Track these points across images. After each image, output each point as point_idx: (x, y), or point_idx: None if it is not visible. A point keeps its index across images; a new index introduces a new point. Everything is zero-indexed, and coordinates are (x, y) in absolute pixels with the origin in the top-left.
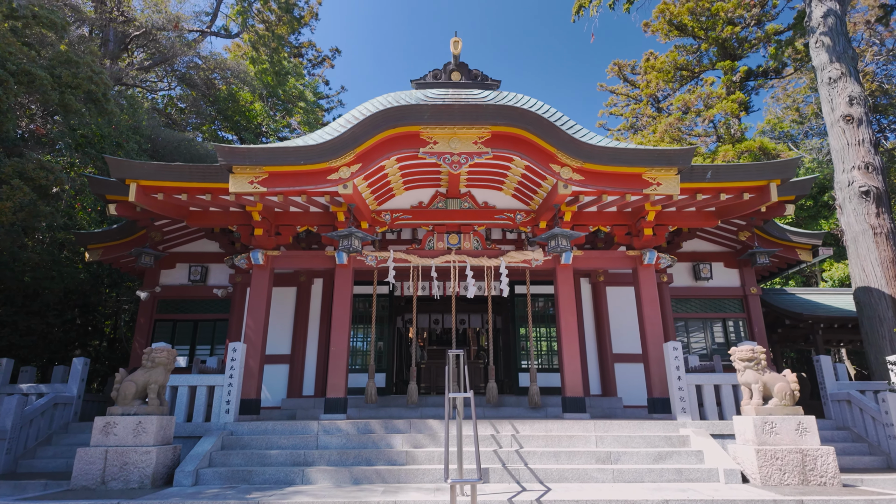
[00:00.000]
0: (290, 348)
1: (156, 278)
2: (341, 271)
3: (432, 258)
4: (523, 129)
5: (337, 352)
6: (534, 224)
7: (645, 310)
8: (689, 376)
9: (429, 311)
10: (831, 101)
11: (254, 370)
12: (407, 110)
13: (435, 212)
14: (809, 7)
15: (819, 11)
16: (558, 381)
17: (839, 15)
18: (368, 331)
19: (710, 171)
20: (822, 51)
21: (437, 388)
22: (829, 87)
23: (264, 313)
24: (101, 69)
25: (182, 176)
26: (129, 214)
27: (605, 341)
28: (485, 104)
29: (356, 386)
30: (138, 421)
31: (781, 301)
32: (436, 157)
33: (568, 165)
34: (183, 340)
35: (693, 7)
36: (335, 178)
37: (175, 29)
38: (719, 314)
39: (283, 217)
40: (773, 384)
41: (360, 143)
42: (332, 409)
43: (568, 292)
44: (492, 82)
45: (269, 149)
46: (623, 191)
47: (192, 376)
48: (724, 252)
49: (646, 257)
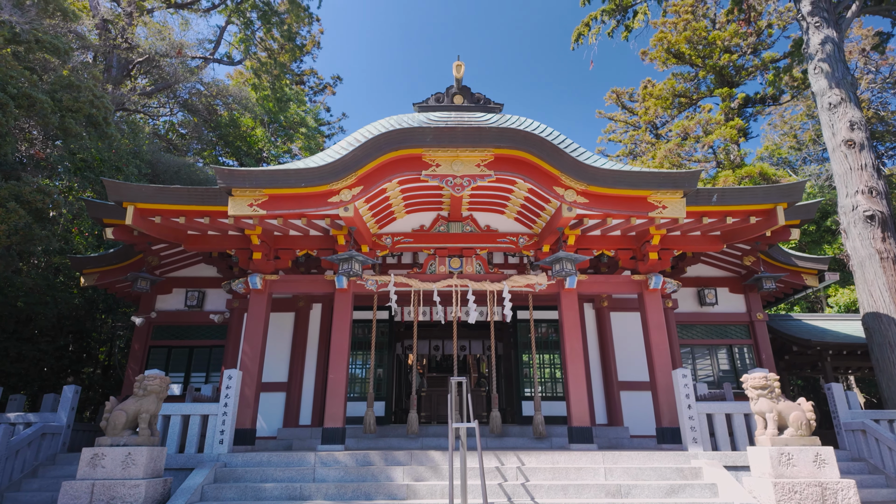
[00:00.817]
0: (286, 376)
1: (151, 303)
2: (341, 296)
3: (434, 282)
4: (526, 151)
5: (335, 379)
6: (537, 248)
7: (652, 336)
8: (699, 405)
9: (429, 337)
10: (832, 126)
11: (249, 399)
12: (409, 133)
13: (437, 235)
14: (807, 34)
15: (817, 39)
16: (563, 410)
17: (836, 42)
18: (367, 357)
19: (716, 194)
20: (822, 77)
21: (437, 417)
22: (830, 112)
23: (261, 339)
24: (103, 93)
25: (180, 199)
26: (126, 238)
27: (611, 368)
28: (487, 127)
29: (354, 415)
30: (127, 452)
31: (787, 327)
32: (438, 180)
33: (572, 188)
34: (178, 367)
35: (690, 36)
36: (336, 201)
37: (178, 56)
38: (725, 340)
39: (283, 241)
40: (788, 413)
41: (361, 165)
42: (329, 440)
43: (572, 317)
44: (494, 105)
45: (269, 171)
46: (628, 214)
47: (186, 405)
48: (728, 277)
49: (651, 282)
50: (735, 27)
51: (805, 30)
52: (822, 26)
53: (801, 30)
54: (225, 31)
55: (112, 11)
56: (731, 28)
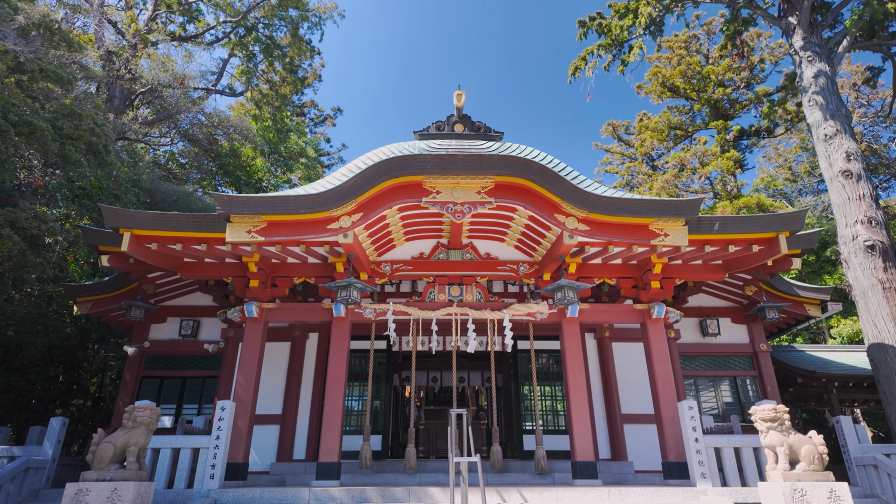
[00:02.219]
0: (281, 408)
1: (145, 333)
2: (338, 324)
3: (433, 311)
4: (527, 178)
5: (331, 411)
6: (537, 276)
7: (656, 367)
8: (706, 438)
9: (427, 368)
10: (828, 157)
11: (242, 431)
12: (410, 160)
13: (436, 263)
14: (800, 68)
15: (810, 72)
16: (565, 444)
17: (829, 76)
18: (364, 389)
19: (718, 222)
20: (816, 109)
21: (436, 452)
22: (826, 143)
23: (256, 369)
24: (104, 122)
25: (178, 225)
26: (122, 266)
27: (613, 401)
28: (488, 154)
29: (350, 449)
30: (113, 488)
31: (791, 358)
32: (438, 207)
33: (573, 216)
34: (170, 399)
35: (684, 70)
36: (335, 228)
37: (181, 86)
38: (729, 372)
39: (280, 268)
40: (800, 447)
41: (362, 192)
42: (324, 475)
43: (575, 347)
44: (494, 133)
45: (268, 197)
46: (630, 242)
47: (176, 437)
48: (730, 307)
49: (654, 311)
50: (728, 62)
51: (798, 64)
52: (815, 60)
53: (793, 64)
54: (228, 63)
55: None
56: (724, 63)
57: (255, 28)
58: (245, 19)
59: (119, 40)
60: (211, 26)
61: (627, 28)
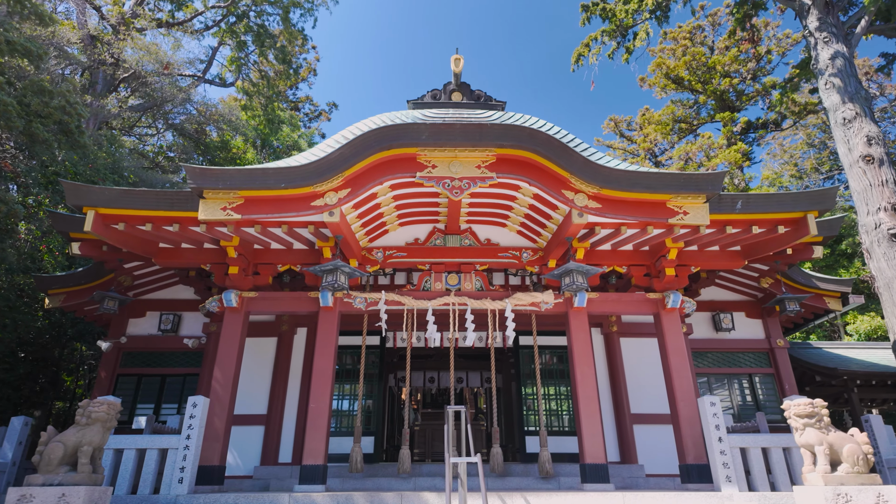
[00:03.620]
0: (266, 407)
1: (122, 327)
2: (325, 315)
3: (429, 300)
4: (532, 151)
5: (317, 409)
6: (542, 263)
7: (672, 361)
8: (731, 437)
9: (423, 369)
10: (848, 142)
11: (219, 431)
12: (403, 129)
13: (432, 249)
14: (815, 50)
15: (826, 53)
16: (571, 446)
17: (847, 57)
18: (355, 388)
19: (741, 200)
20: (833, 92)
21: (432, 454)
22: (844, 127)
23: (235, 364)
24: (77, 100)
25: (147, 203)
26: (95, 254)
27: (622, 400)
28: (489, 123)
29: (340, 451)
30: (61, 493)
31: (808, 356)
32: (434, 182)
33: (583, 192)
34: (148, 398)
35: (689, 61)
36: (320, 205)
37: (165, 71)
38: (744, 369)
39: (263, 255)
40: (842, 446)
41: (349, 165)
42: (308, 479)
43: (583, 339)
44: (496, 103)
45: (245, 170)
46: (645, 221)
47: (141, 437)
48: (744, 301)
49: (669, 300)
50: (734, 53)
51: (813, 46)
52: (831, 41)
53: (807, 47)
54: (217, 51)
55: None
56: (730, 53)
57: (246, 15)
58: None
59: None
60: (199, 12)
61: (632, 13)
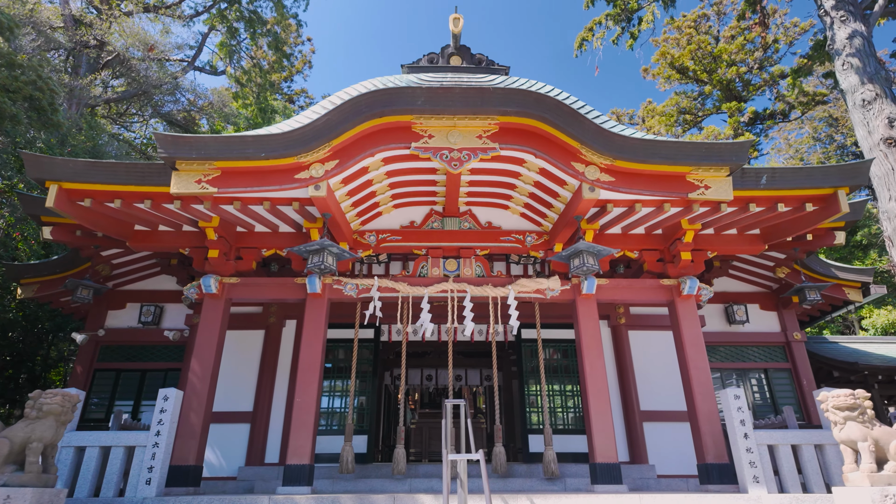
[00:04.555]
0: (252, 404)
1: (101, 320)
2: (313, 303)
3: (426, 287)
4: (539, 118)
5: (303, 404)
6: (547, 248)
7: (688, 352)
8: (758, 434)
9: (420, 366)
10: (867, 125)
11: (195, 427)
12: (397, 94)
13: (429, 233)
14: (831, 30)
15: (843, 33)
16: (577, 445)
17: (865, 36)
18: (347, 384)
19: (766, 174)
20: (851, 73)
21: (429, 454)
22: (864, 109)
23: (214, 354)
24: (50, 76)
25: (115, 176)
26: (68, 239)
27: (631, 396)
28: (492, 87)
29: (331, 451)
30: (6, 496)
31: (825, 350)
32: (431, 154)
33: (594, 164)
34: (126, 394)
35: (695, 49)
36: (305, 178)
37: (150, 53)
38: (759, 364)
39: (246, 238)
40: (888, 442)
41: (337, 133)
42: (293, 480)
43: (592, 329)
44: (499, 67)
45: (222, 138)
46: (662, 197)
47: (105, 434)
48: (758, 293)
49: (685, 287)
50: (741, 41)
51: (829, 25)
52: (849, 20)
53: (824, 27)
54: (207, 38)
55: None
56: (737, 42)
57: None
58: None
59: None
60: None
61: None
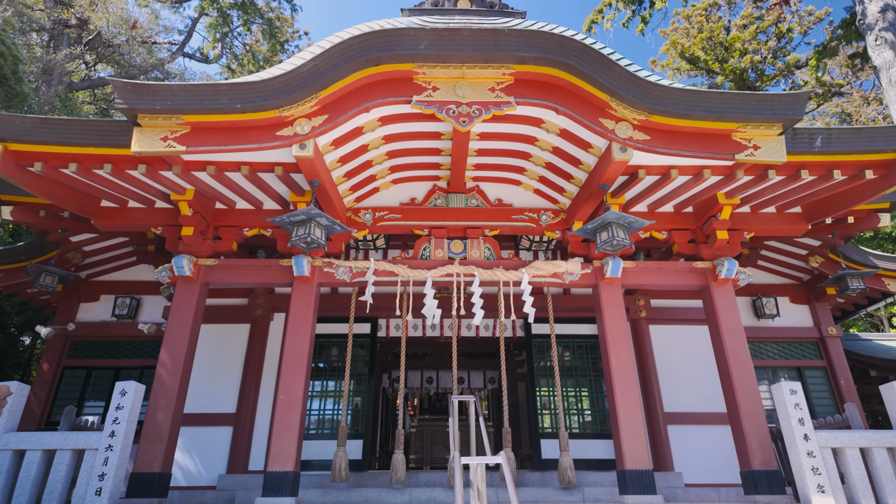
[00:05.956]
0: (235, 405)
1: (72, 312)
2: (301, 288)
3: (428, 270)
4: (562, 65)
5: (287, 402)
6: (565, 227)
7: (728, 344)
8: (819, 434)
9: (420, 367)
10: None
11: (162, 429)
12: (395, 36)
13: (433, 210)
14: (861, 4)
15: (875, 7)
16: (592, 451)
17: None
18: (340, 384)
19: (821, 136)
20: (885, 48)
21: (431, 461)
22: None
23: (187, 345)
24: (14, 42)
25: (69, 135)
26: (31, 221)
27: (654, 397)
28: (507, 28)
29: (322, 458)
30: None
31: (860, 347)
32: (435, 109)
33: (626, 120)
34: (98, 394)
35: (706, 38)
36: (288, 135)
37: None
38: (791, 361)
39: (226, 216)
40: None
41: (325, 82)
42: (274, 489)
43: (618, 318)
44: (514, 11)
45: (191, 86)
46: (704, 159)
47: (50, 434)
48: (788, 284)
49: (722, 269)
50: (754, 30)
51: (858, 0)
52: None
53: (853, 2)
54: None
55: None
56: (750, 30)
57: None
58: None
59: None
60: None
61: None
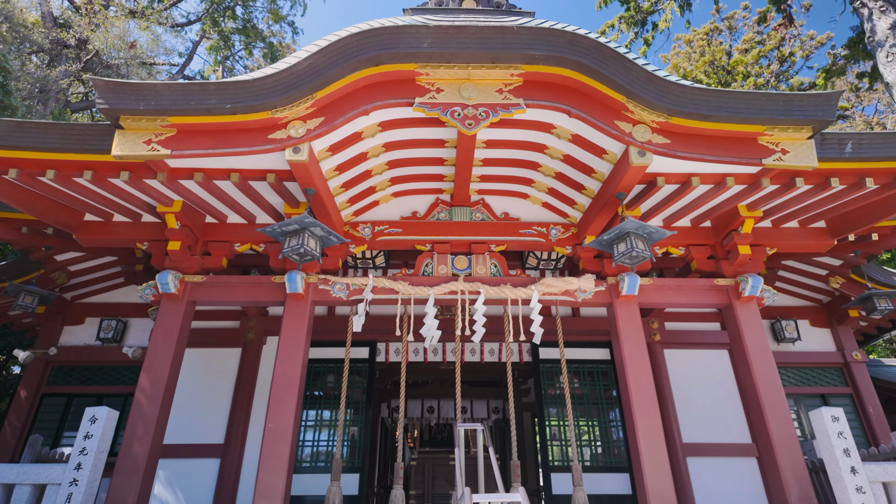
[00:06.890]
0: (223, 436)
1: (54, 336)
2: (294, 306)
3: (431, 287)
4: (574, 65)
5: (276, 432)
6: (576, 242)
7: (755, 367)
8: (867, 467)
9: (421, 396)
10: None
11: (139, 461)
12: (397, 34)
13: (435, 224)
14: (869, 22)
15: (884, 24)
16: (605, 486)
17: None
18: (336, 413)
19: (851, 140)
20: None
21: (433, 497)
22: None
23: (169, 369)
24: (4, 55)
25: (46, 140)
26: (13, 238)
27: (671, 426)
28: (515, 26)
29: (315, 493)
30: None
31: (884, 374)
32: (439, 111)
33: (643, 123)
34: (78, 424)
35: (709, 61)
36: (281, 138)
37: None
38: (814, 388)
39: (216, 231)
40: None
41: (322, 82)
42: None
43: (636, 339)
44: (522, 11)
45: (177, 85)
46: (728, 164)
47: (9, 467)
48: (808, 307)
49: (746, 287)
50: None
51: (867, 17)
52: (889, 10)
53: (860, 20)
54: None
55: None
56: (752, 53)
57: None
58: None
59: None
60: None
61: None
